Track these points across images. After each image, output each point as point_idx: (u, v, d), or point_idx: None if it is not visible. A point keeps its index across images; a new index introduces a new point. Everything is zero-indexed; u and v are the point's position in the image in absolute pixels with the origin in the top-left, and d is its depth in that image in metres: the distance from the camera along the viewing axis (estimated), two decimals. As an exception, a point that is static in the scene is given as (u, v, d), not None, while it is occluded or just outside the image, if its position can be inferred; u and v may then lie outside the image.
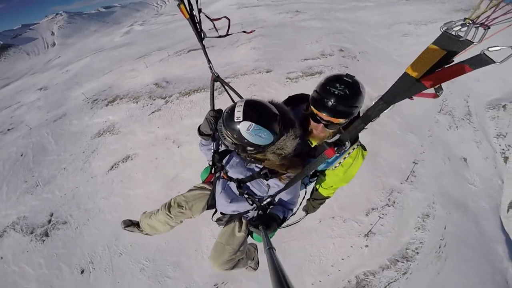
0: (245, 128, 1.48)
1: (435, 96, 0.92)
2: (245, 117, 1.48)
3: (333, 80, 1.55)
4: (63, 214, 12.66)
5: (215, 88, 2.26)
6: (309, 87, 1.49)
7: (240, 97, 2.16)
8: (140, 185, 11.92)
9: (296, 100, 1.98)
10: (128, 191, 12.08)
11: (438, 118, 14.31)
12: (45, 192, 14.17)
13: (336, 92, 1.49)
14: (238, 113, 1.49)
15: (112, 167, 13.42)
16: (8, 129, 25.61)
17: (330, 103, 1.50)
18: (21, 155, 17.57)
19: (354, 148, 1.85)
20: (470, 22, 0.71)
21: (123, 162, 13.43)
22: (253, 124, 1.48)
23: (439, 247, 8.96)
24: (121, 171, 13.01)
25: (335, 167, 1.92)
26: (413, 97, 0.91)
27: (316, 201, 2.38)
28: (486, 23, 0.70)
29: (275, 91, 14.78)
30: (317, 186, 2.27)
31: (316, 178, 2.22)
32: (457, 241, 9.10)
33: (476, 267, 8.59)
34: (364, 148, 1.94)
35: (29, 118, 24.13)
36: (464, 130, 13.73)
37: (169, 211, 2.29)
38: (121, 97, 18.68)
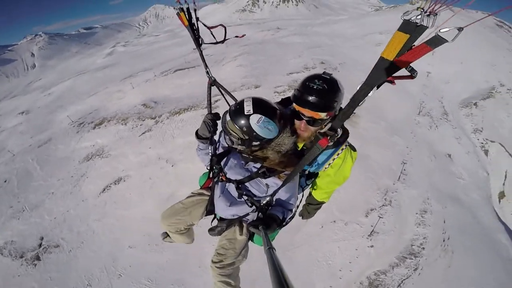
0: (255, 120, 1.60)
1: (412, 77, 1.01)
2: (255, 110, 1.61)
3: (312, 77, 1.69)
4: (54, 238, 12.24)
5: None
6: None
7: (236, 100, 2.27)
8: (135, 205, 11.77)
9: (287, 102, 2.06)
10: (123, 212, 11.89)
11: (418, 119, 15.23)
12: (33, 217, 13.69)
13: (315, 87, 1.61)
14: (248, 107, 1.61)
15: (104, 190, 13.20)
16: (-11, 156, 24.76)
17: (310, 98, 1.61)
18: (5, 181, 16.93)
19: (342, 149, 1.89)
20: (422, 10, 0.86)
21: (115, 184, 13.25)
22: (263, 117, 1.61)
23: (443, 241, 9.11)
24: (114, 193, 12.82)
25: (325, 168, 1.97)
26: (395, 81, 1.04)
27: (311, 206, 2.40)
28: (434, 10, 0.85)
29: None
30: (311, 190, 2.31)
31: (312, 180, 2.25)
32: (459, 234, 9.28)
33: (484, 258, 8.77)
34: (353, 149, 2.00)
35: (11, 144, 23.24)
36: (443, 128, 14.69)
37: (166, 221, 2.29)
38: (108, 119, 18.51)
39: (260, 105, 1.67)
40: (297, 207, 2.26)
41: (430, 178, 11.45)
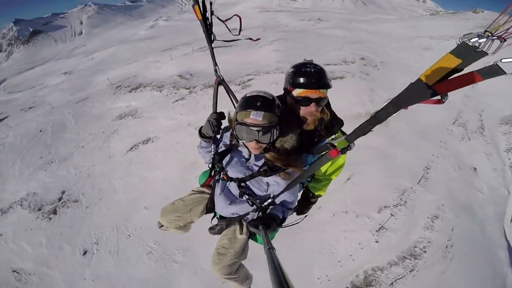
0: (276, 99, 1.69)
1: (441, 102, 0.94)
2: (267, 94, 1.67)
3: (302, 66, 1.74)
4: (75, 192, 12.68)
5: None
6: (331, 90, 1.69)
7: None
8: (159, 167, 11.96)
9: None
10: (146, 173, 12.15)
11: (451, 129, 14.62)
12: (60, 169, 14.30)
13: (312, 70, 1.69)
14: (266, 93, 1.68)
15: (132, 148, 13.58)
16: (30, 107, 26.63)
17: (313, 79, 1.68)
18: (40, 131, 18.11)
19: None
20: (490, 34, 0.73)
21: (143, 144, 13.58)
22: (272, 95, 1.70)
23: (446, 247, 9.07)
24: (141, 153, 13.14)
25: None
26: (421, 103, 0.94)
27: (308, 201, 2.36)
28: (503, 36, 0.72)
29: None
30: (308, 185, 2.26)
31: (312, 177, 2.21)
32: (463, 243, 9.22)
33: (478, 269, 8.63)
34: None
35: (51, 98, 25.00)
36: (476, 142, 14.06)
37: (165, 218, 2.30)
38: (144, 85, 19.14)
39: (262, 91, 1.72)
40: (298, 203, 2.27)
41: (450, 186, 11.11)
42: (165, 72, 20.63)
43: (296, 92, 1.72)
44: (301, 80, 1.69)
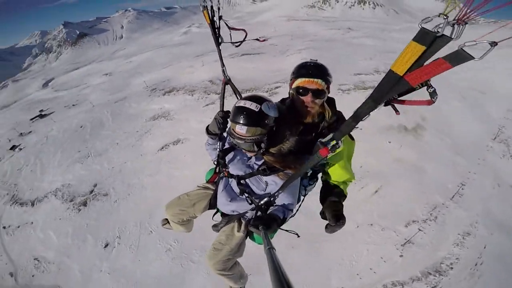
0: (267, 108, 1.63)
1: (431, 102, 0.89)
2: (259, 102, 1.62)
3: (304, 62, 1.78)
4: (106, 186, 13.39)
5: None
6: (360, 100, 1.45)
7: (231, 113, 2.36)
8: (187, 167, 12.41)
9: (283, 102, 2.05)
10: (175, 172, 12.70)
11: (491, 145, 13.55)
12: (95, 163, 15.28)
13: (312, 64, 1.75)
14: (252, 104, 1.61)
15: (163, 148, 14.28)
16: (73, 105, 29.05)
17: (311, 71, 1.72)
18: (81, 127, 19.64)
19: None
20: (445, 17, 0.68)
21: (173, 144, 14.27)
22: (266, 101, 1.64)
23: (475, 265, 8.58)
24: (171, 152, 13.79)
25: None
26: (407, 104, 0.91)
27: (336, 201, 1.80)
28: (462, 18, 0.67)
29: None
30: (327, 177, 1.95)
31: (315, 180, 2.17)
32: (495, 261, 8.65)
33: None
34: (351, 138, 1.98)
35: (93, 97, 27.06)
36: None
37: (170, 211, 2.34)
38: (177, 89, 20.20)
39: (254, 98, 1.65)
40: (299, 207, 2.15)
41: (486, 204, 10.50)
42: (197, 77, 21.58)
43: (296, 83, 1.77)
44: (300, 70, 1.76)
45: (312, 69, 1.73)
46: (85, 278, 10.03)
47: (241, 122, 1.62)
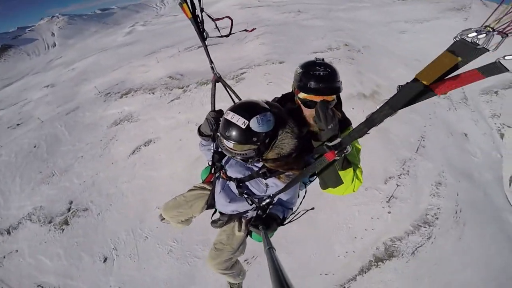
0: (256, 124, 1.48)
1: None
2: (247, 116, 1.49)
3: (311, 65, 1.65)
4: (83, 201, 12.59)
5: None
6: None
7: (240, 98, 2.30)
8: (164, 166, 12.07)
9: (286, 99, 1.98)
10: (152, 173, 12.22)
11: (437, 101, 15.56)
12: (62, 181, 14.10)
13: (321, 74, 1.59)
14: (239, 119, 1.48)
15: (134, 151, 13.60)
16: (17, 124, 25.60)
17: (321, 84, 1.59)
18: (34, 147, 17.60)
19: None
20: (491, 29, 0.67)
21: (145, 145, 13.64)
22: (257, 116, 1.50)
23: (456, 213, 9.50)
24: (144, 154, 13.19)
25: None
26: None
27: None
28: (505, 30, 0.67)
29: (289, 79, 15.36)
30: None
31: (315, 176, 2.08)
32: (471, 208, 9.66)
33: (492, 235, 9.13)
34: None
35: (38, 113, 24.16)
36: (462, 111, 15.17)
37: (167, 213, 2.33)
38: (135, 90, 19.05)
39: (244, 109, 1.54)
40: (300, 204, 2.19)
41: (446, 153, 11.89)
42: (154, 74, 20.56)
43: (303, 95, 1.67)
44: (308, 84, 1.62)
45: (322, 83, 1.59)
46: None
47: (228, 137, 1.53)
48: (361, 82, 15.78)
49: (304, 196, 2.24)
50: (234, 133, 1.51)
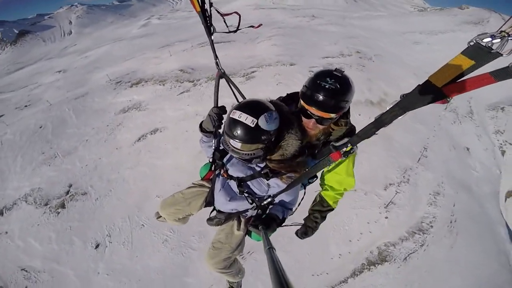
0: (264, 122, 1.46)
1: (445, 102, 0.90)
2: (254, 115, 1.46)
3: (323, 75, 1.53)
4: (83, 185, 12.51)
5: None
6: None
7: (243, 96, 2.27)
8: (169, 156, 12.10)
9: (291, 99, 1.93)
10: (156, 161, 12.24)
11: (443, 114, 15.49)
12: (65, 163, 14.11)
13: (326, 86, 1.48)
14: (247, 118, 1.45)
15: (140, 139, 13.66)
16: (26, 105, 26.08)
17: (321, 97, 1.48)
18: (40, 127, 17.80)
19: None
20: (506, 35, 0.69)
21: (151, 134, 13.69)
22: (265, 114, 1.48)
23: (450, 222, 9.63)
24: (149, 142, 13.22)
25: (329, 168, 1.87)
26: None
27: (318, 213, 2.10)
28: None
29: (299, 81, 15.42)
30: (322, 192, 2.06)
31: (315, 178, 2.14)
32: (466, 219, 9.78)
33: (483, 245, 9.23)
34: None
35: (48, 96, 24.52)
36: (466, 125, 15.25)
37: (164, 211, 2.30)
38: (146, 80, 19.21)
39: (251, 107, 1.50)
40: (298, 205, 2.15)
41: (447, 165, 11.95)
42: (166, 67, 20.75)
43: (302, 102, 1.60)
44: (309, 93, 1.54)
45: (324, 96, 1.48)
46: (83, 283, 9.43)
47: (235, 137, 1.48)
48: (370, 89, 15.74)
49: (303, 197, 2.20)
50: (242, 132, 1.46)
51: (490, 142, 14.50)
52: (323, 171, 1.99)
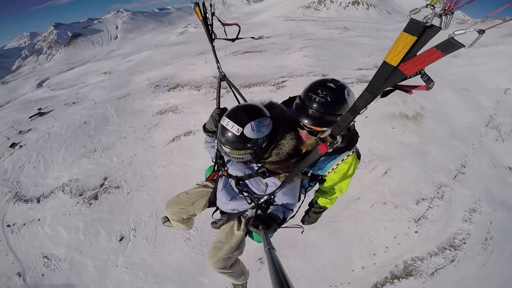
0: (249, 131, 1.50)
1: (427, 88, 0.90)
2: (240, 123, 1.50)
3: (317, 86, 1.51)
4: (117, 179, 13.24)
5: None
6: None
7: (244, 98, 2.33)
8: (201, 157, 12.51)
9: (292, 102, 1.88)
10: (187, 161, 12.87)
11: (484, 130, 14.56)
12: (103, 157, 15.14)
13: (317, 100, 1.45)
14: (233, 126, 1.50)
15: (174, 139, 14.46)
16: (73, 102, 28.78)
17: (311, 110, 1.47)
18: (84, 123, 19.49)
19: (349, 155, 1.80)
20: (433, 7, 0.70)
21: (185, 136, 14.46)
22: (251, 122, 1.50)
23: (485, 240, 9.10)
24: (182, 143, 13.96)
25: (329, 172, 1.89)
26: (410, 92, 0.93)
27: (313, 210, 2.27)
28: (448, 9, 0.70)
29: (331, 93, 15.50)
30: (316, 196, 2.19)
31: (315, 182, 2.14)
32: (503, 236, 9.18)
33: None
34: (358, 156, 1.90)
35: (93, 95, 26.93)
36: (510, 144, 13.97)
37: (169, 210, 2.36)
38: (182, 85, 20.43)
39: (239, 115, 1.55)
40: (299, 207, 2.18)
41: (486, 183, 11.22)
42: (201, 73, 21.91)
43: (295, 113, 1.61)
44: (300, 104, 1.55)
45: (315, 111, 1.47)
46: (100, 275, 9.74)
47: (223, 143, 1.58)
48: (405, 103, 15.27)
49: (303, 201, 2.24)
50: (229, 139, 1.54)
51: (535, 163, 13.39)
52: (323, 175, 2.00)
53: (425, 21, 0.72)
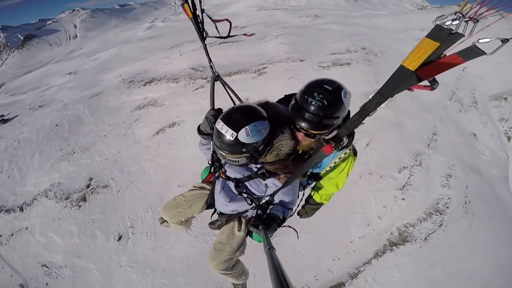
0: (244, 135, 1.46)
1: (431, 89, 0.92)
2: (235, 128, 1.47)
3: (313, 88, 1.49)
4: (103, 178, 12.67)
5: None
6: (339, 74, 1.55)
7: (239, 98, 2.35)
8: (189, 146, 12.43)
9: (288, 100, 1.88)
10: (176, 152, 12.67)
11: (449, 104, 16.08)
12: (84, 158, 14.36)
13: (314, 103, 1.42)
14: (227, 131, 1.46)
15: (158, 132, 14.13)
16: (40, 106, 26.67)
17: (307, 114, 1.45)
18: (56, 125, 18.17)
19: (346, 153, 1.83)
20: (460, 15, 0.71)
21: (169, 127, 14.18)
22: (246, 127, 1.47)
23: (465, 203, 9.88)
24: (168, 135, 13.69)
25: (327, 170, 1.91)
26: (412, 89, 0.93)
27: (309, 206, 2.34)
28: (474, 16, 0.70)
29: (310, 76, 15.94)
30: (312, 192, 2.24)
31: (313, 179, 2.17)
32: (479, 200, 10.02)
33: (499, 226, 9.40)
34: (355, 153, 1.92)
35: (61, 96, 25.04)
36: (471, 113, 15.68)
37: (167, 213, 2.33)
38: (158, 79, 19.79)
39: (234, 119, 1.52)
40: (298, 205, 2.20)
41: (456, 149, 12.34)
42: (177, 66, 21.31)
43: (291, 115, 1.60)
44: (296, 106, 1.52)
45: (311, 114, 1.45)
46: (105, 277, 9.39)
47: (219, 147, 1.57)
48: (377, 82, 16.26)
49: (302, 198, 2.27)
50: (223, 144, 1.52)
51: (496, 129, 14.97)
52: (319, 177, 2.05)
53: (449, 28, 0.74)
